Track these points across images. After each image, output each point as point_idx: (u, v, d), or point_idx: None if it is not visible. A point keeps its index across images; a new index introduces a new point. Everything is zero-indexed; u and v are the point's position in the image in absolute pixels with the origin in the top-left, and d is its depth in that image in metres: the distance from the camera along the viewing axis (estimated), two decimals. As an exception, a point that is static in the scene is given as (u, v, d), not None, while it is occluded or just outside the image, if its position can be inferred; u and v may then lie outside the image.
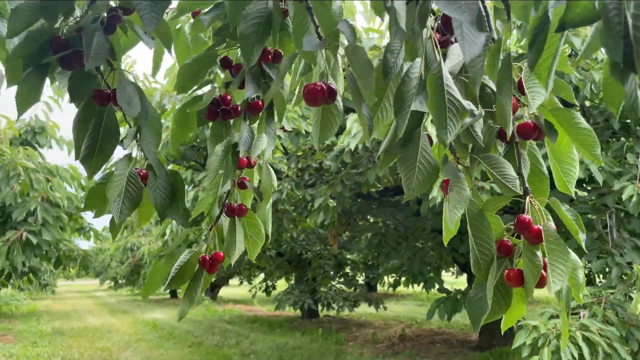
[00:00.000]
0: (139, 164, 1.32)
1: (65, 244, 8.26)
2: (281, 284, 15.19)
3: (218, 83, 1.51)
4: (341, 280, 12.56)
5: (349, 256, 12.74)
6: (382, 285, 14.86)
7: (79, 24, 1.22)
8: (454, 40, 1.18)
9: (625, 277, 4.63)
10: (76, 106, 1.26)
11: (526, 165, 1.17)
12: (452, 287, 7.69)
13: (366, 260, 12.33)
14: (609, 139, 5.68)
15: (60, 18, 1.22)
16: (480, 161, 1.16)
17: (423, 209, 6.32)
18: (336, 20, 1.17)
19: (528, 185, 1.13)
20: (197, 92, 1.52)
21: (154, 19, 1.08)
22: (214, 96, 1.46)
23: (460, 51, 1.08)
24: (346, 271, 12.86)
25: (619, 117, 5.48)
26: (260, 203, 1.49)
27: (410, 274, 7.66)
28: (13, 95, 1.22)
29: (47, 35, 1.20)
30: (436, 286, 7.63)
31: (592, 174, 5.08)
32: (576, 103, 1.24)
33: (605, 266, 4.76)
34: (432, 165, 1.11)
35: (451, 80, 1.03)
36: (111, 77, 1.31)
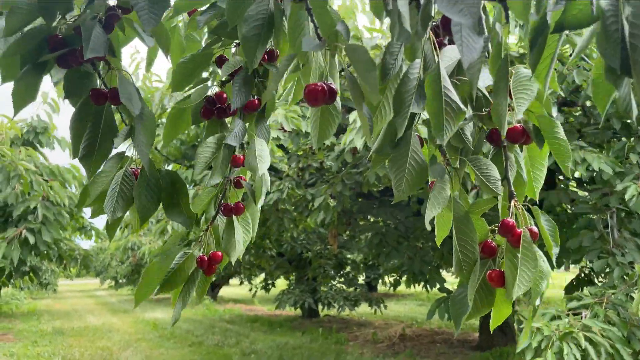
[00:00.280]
0: (134, 163, 1.31)
1: (66, 243, 8.27)
2: (281, 283, 15.19)
3: (217, 80, 1.50)
4: (341, 279, 12.55)
5: (349, 256, 12.73)
6: (384, 285, 14.84)
7: (77, 22, 1.21)
8: (446, 42, 1.18)
9: (626, 277, 4.61)
10: (72, 104, 1.26)
11: (512, 169, 1.20)
12: (452, 287, 7.68)
13: (366, 260, 12.32)
14: (610, 139, 5.66)
15: (58, 17, 1.22)
16: (468, 163, 1.18)
17: (423, 208, 6.32)
18: (335, 21, 1.16)
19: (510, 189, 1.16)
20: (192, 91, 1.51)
21: (152, 19, 1.07)
22: (207, 94, 1.45)
23: (452, 54, 1.09)
24: (347, 271, 12.85)
25: (619, 117, 5.44)
26: (252, 202, 1.47)
27: (410, 273, 7.65)
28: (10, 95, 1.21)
29: (44, 34, 1.19)
30: (437, 285, 7.62)
31: (593, 174, 5.07)
32: (552, 115, 1.25)
33: (606, 266, 4.75)
34: (422, 166, 1.12)
35: (449, 81, 1.04)
36: (108, 76, 1.31)
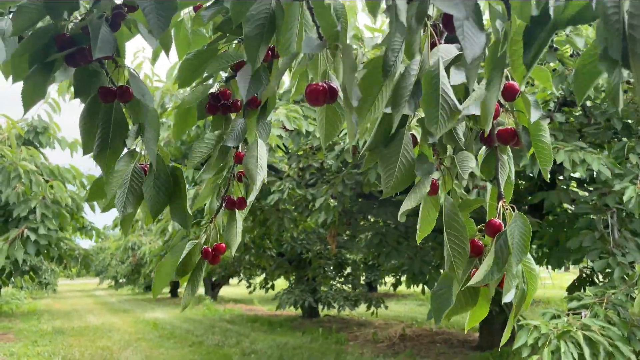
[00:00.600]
0: (143, 159, 1.33)
1: (66, 242, 8.28)
2: (281, 283, 15.18)
3: (218, 78, 1.53)
4: (341, 280, 12.55)
5: (349, 256, 12.73)
6: (385, 285, 14.84)
7: (84, 21, 1.22)
8: (442, 42, 1.19)
9: (627, 277, 4.62)
10: (82, 102, 1.27)
11: (504, 170, 1.21)
12: (452, 287, 7.66)
13: (366, 260, 12.31)
14: (610, 139, 5.67)
15: (65, 16, 1.23)
16: (453, 158, 1.21)
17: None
18: (336, 22, 1.17)
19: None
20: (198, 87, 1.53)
21: (161, 25, 1.06)
22: (211, 90, 1.49)
23: (444, 52, 1.09)
24: (347, 272, 12.84)
25: (620, 117, 5.43)
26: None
27: (410, 273, 7.65)
28: (13, 96, 1.22)
29: (52, 33, 1.21)
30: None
31: (593, 174, 5.07)
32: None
33: (606, 266, 4.75)
34: (412, 164, 1.13)
35: (447, 79, 1.04)
36: (115, 74, 1.32)
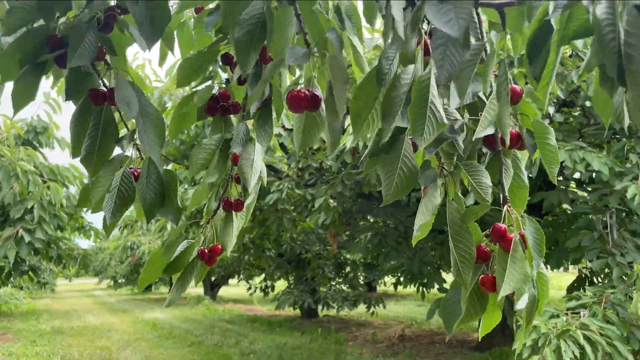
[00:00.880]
0: (133, 163, 1.32)
1: (65, 242, 8.27)
2: (280, 283, 15.18)
3: (217, 80, 1.53)
4: (340, 280, 12.54)
5: (348, 256, 12.72)
6: (384, 285, 14.83)
7: (72, 23, 1.21)
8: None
9: (625, 277, 4.62)
10: (74, 104, 1.26)
11: (508, 174, 1.19)
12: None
13: (366, 261, 12.30)
14: (610, 139, 5.67)
15: (57, 16, 1.21)
16: (461, 168, 1.19)
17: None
18: (325, 28, 1.15)
19: (508, 194, 1.16)
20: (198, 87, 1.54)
21: (153, 35, 1.06)
22: (212, 92, 1.49)
23: None
24: (347, 272, 12.83)
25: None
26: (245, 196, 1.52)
27: (410, 273, 7.65)
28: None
29: (43, 34, 1.19)
30: (436, 286, 7.62)
31: (592, 174, 5.07)
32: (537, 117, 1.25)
33: (605, 266, 4.75)
34: (413, 171, 1.11)
35: (436, 90, 1.02)
36: (107, 76, 1.31)
